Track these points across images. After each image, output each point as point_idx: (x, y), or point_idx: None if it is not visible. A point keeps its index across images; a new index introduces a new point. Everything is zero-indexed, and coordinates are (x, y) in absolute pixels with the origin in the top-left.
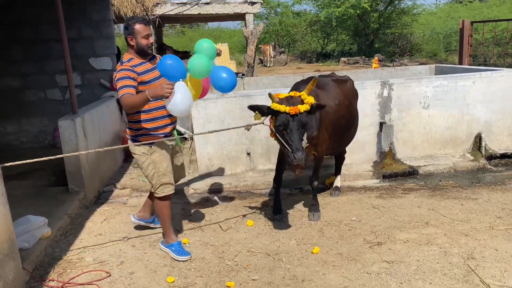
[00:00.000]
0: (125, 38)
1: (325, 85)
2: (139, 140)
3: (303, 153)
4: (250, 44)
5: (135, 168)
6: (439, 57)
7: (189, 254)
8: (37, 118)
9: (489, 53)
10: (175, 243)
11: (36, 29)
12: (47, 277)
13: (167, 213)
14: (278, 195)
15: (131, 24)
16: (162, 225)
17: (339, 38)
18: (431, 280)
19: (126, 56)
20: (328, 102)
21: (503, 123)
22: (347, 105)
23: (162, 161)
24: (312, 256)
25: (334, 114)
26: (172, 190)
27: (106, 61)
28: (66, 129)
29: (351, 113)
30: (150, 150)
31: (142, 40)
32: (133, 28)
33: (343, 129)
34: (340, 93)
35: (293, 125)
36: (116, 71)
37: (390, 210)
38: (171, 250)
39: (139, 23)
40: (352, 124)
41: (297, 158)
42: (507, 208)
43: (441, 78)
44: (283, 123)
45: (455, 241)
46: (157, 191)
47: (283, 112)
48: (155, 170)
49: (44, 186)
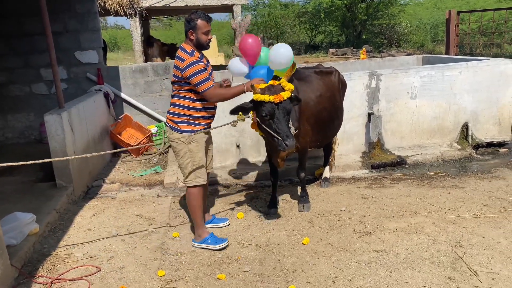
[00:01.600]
0: (186, 31)
1: (306, 77)
2: (179, 127)
3: (293, 139)
4: (238, 36)
5: (123, 162)
6: (426, 48)
7: (226, 239)
8: (23, 113)
9: (475, 43)
10: (208, 236)
11: (19, 22)
12: (36, 274)
13: (198, 205)
14: (275, 189)
15: (194, 19)
16: (192, 218)
17: (327, 30)
18: (419, 268)
19: (187, 47)
20: (309, 95)
21: (489, 112)
22: (329, 97)
23: (199, 151)
24: (303, 247)
25: (315, 106)
26: (204, 181)
27: (92, 54)
28: (52, 124)
29: (334, 105)
30: (188, 139)
31: (202, 36)
32: (195, 23)
33: (326, 121)
34: (322, 85)
35: (279, 113)
36: (188, 63)
37: (379, 200)
38: (208, 244)
39: (201, 19)
40: (335, 116)
41: (289, 145)
42: (493, 196)
43: (428, 68)
44: (269, 112)
45: (443, 229)
46: (189, 180)
47: (268, 101)
48: (190, 160)
49: (32, 182)
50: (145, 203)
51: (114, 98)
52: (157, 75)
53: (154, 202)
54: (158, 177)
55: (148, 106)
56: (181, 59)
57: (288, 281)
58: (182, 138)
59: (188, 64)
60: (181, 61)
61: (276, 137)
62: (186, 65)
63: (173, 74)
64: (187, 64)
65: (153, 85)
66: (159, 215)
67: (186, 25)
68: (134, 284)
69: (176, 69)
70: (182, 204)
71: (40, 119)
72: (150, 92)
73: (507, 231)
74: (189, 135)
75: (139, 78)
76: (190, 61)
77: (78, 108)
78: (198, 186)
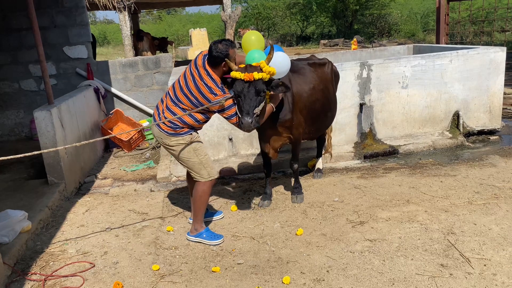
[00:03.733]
0: (217, 59)
1: (299, 69)
2: (179, 131)
3: (251, 118)
4: (228, 28)
5: (116, 157)
6: (417, 37)
7: (222, 237)
8: (12, 110)
9: (465, 31)
10: (204, 230)
11: (5, 18)
12: (29, 271)
13: (205, 201)
14: (269, 181)
15: (227, 48)
16: (196, 212)
17: (318, 21)
18: (412, 256)
19: (216, 77)
20: (303, 86)
21: (479, 101)
22: (322, 89)
23: (202, 147)
24: (296, 238)
25: (308, 98)
26: (217, 173)
27: (81, 49)
28: (42, 121)
29: (327, 97)
30: (189, 138)
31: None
32: (228, 53)
33: (319, 113)
34: (316, 77)
35: (246, 91)
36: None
37: (371, 189)
38: (203, 238)
39: (233, 48)
40: (328, 108)
41: (244, 123)
42: (484, 184)
43: (418, 57)
44: (237, 90)
45: (435, 217)
46: (204, 177)
47: (239, 79)
48: (197, 157)
49: (23, 179)
50: (138, 198)
51: (104, 93)
52: (148, 69)
53: (147, 196)
54: (151, 172)
55: (139, 101)
56: (211, 90)
57: (282, 272)
58: (182, 140)
59: (220, 99)
60: (211, 93)
61: (238, 115)
62: (217, 101)
63: (194, 94)
64: (218, 100)
65: (143, 79)
66: (153, 209)
67: (217, 53)
68: (129, 279)
69: (202, 97)
70: (175, 198)
71: (30, 116)
72: (141, 87)
73: (498, 217)
74: (189, 135)
75: (130, 72)
76: (219, 93)
77: (68, 104)
78: (211, 181)
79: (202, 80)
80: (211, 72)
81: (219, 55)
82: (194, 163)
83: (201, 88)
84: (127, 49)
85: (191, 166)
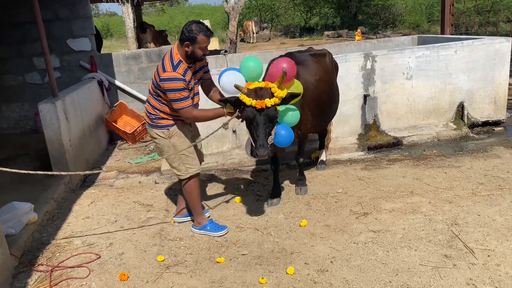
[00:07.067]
0: (182, 39)
1: (303, 61)
2: (157, 122)
3: (266, 150)
4: (231, 20)
5: (120, 150)
6: (422, 28)
7: (226, 227)
8: (17, 103)
9: (470, 22)
10: (208, 222)
11: (9, 11)
12: (36, 262)
13: (196, 195)
14: (277, 177)
15: (195, 31)
16: (192, 208)
17: (322, 12)
18: (416, 247)
19: (176, 56)
20: (309, 78)
21: (484, 91)
22: (327, 80)
23: (182, 143)
24: (300, 229)
25: (315, 90)
26: (196, 170)
27: (84, 42)
28: (47, 113)
29: (331, 88)
30: (168, 133)
31: (199, 50)
32: (195, 37)
33: (325, 105)
34: (320, 68)
35: (259, 119)
36: (168, 77)
37: (375, 181)
38: (207, 231)
39: (203, 35)
40: (333, 99)
41: (259, 155)
42: (489, 175)
43: (423, 48)
44: (248, 116)
45: (439, 208)
46: (182, 173)
47: (249, 105)
48: (175, 153)
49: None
50: (142, 190)
51: (108, 85)
52: (151, 62)
53: (152, 188)
54: (155, 164)
55: (142, 93)
56: (163, 67)
57: (286, 263)
58: (162, 134)
59: (168, 78)
60: (162, 69)
61: (252, 141)
62: (165, 78)
63: (154, 74)
64: (166, 77)
65: (147, 71)
66: (157, 201)
67: (184, 34)
68: (134, 270)
69: (156, 74)
70: (180, 190)
71: (35, 109)
72: (145, 79)
73: (502, 208)
74: (168, 129)
75: (133, 65)
76: (170, 76)
77: (72, 97)
78: (192, 177)
79: (162, 59)
80: (174, 49)
81: (187, 34)
82: (174, 159)
83: (158, 66)
84: (131, 41)
85: (170, 161)
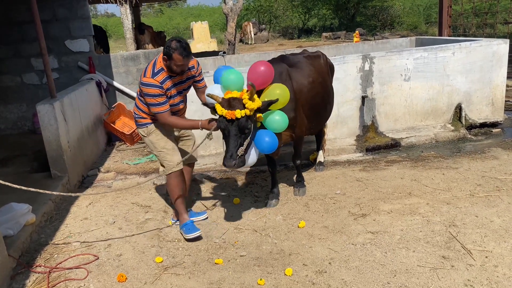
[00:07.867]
0: (163, 51)
1: (297, 63)
2: (139, 121)
3: (233, 161)
4: (230, 21)
5: (118, 151)
6: (420, 30)
7: (198, 230)
8: (15, 104)
9: (468, 24)
10: (187, 222)
11: (7, 11)
12: (34, 263)
13: (176, 193)
14: (275, 178)
15: (172, 49)
16: (174, 204)
17: (320, 13)
18: (414, 248)
19: (159, 64)
20: (302, 81)
21: (482, 93)
22: (321, 82)
23: (159, 140)
24: (298, 230)
25: (309, 92)
26: (175, 167)
27: (83, 43)
28: (45, 114)
29: (325, 90)
30: (147, 131)
31: (175, 67)
32: (171, 54)
33: (319, 107)
34: (314, 70)
35: (230, 129)
36: (146, 82)
37: (373, 182)
38: (183, 231)
39: (178, 54)
40: (327, 101)
41: (226, 166)
42: (486, 176)
43: (421, 50)
44: (220, 126)
45: (437, 209)
46: (166, 169)
47: (221, 115)
48: (155, 150)
49: (26, 172)
50: (141, 191)
51: (106, 86)
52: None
53: (150, 190)
54: (153, 165)
55: None
56: (145, 72)
57: (285, 264)
58: (143, 132)
59: (145, 83)
60: (144, 74)
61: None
62: (143, 82)
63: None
64: (144, 82)
65: None
66: (155, 202)
67: (165, 48)
68: (132, 271)
69: (140, 77)
70: None
71: (33, 110)
72: None
73: (500, 210)
74: (147, 127)
75: (131, 66)
76: (147, 82)
77: (70, 98)
78: (173, 174)
79: (148, 63)
80: (160, 57)
81: (166, 49)
82: (157, 156)
83: (142, 72)
84: (129, 42)
85: (156, 158)
